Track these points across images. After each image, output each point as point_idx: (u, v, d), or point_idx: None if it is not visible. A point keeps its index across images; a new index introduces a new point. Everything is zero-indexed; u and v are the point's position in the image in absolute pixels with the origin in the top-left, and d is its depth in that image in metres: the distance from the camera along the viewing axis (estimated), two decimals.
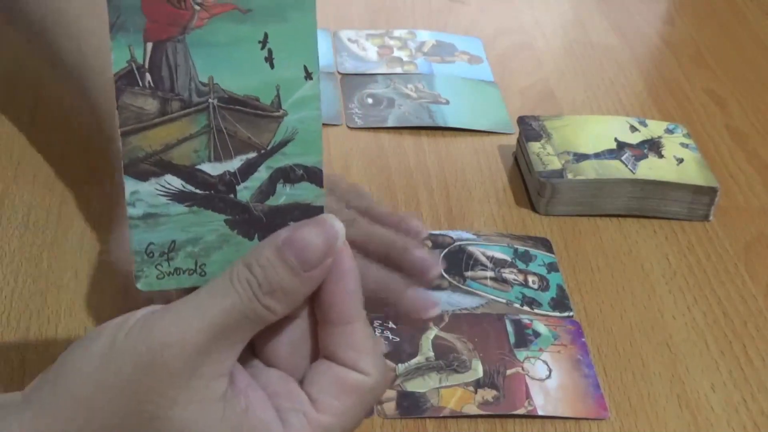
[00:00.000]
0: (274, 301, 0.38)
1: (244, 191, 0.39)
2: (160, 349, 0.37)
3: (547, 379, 0.59)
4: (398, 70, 0.88)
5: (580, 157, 0.74)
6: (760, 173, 0.80)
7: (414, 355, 0.60)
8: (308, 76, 0.39)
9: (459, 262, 0.67)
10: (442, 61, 0.90)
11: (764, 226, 0.74)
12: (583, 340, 0.62)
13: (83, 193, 0.70)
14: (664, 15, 1.05)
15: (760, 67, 0.96)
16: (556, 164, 0.73)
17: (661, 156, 0.75)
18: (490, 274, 0.67)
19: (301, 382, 0.41)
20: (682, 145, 0.77)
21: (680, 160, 0.75)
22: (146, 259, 0.39)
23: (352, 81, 0.86)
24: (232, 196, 0.39)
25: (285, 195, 0.39)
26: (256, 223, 0.39)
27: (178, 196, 0.39)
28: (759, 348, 0.63)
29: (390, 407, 0.56)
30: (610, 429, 0.57)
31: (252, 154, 0.39)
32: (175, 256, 0.39)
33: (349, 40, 0.92)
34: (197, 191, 0.39)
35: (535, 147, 0.75)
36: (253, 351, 0.42)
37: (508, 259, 0.68)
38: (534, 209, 0.73)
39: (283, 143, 0.39)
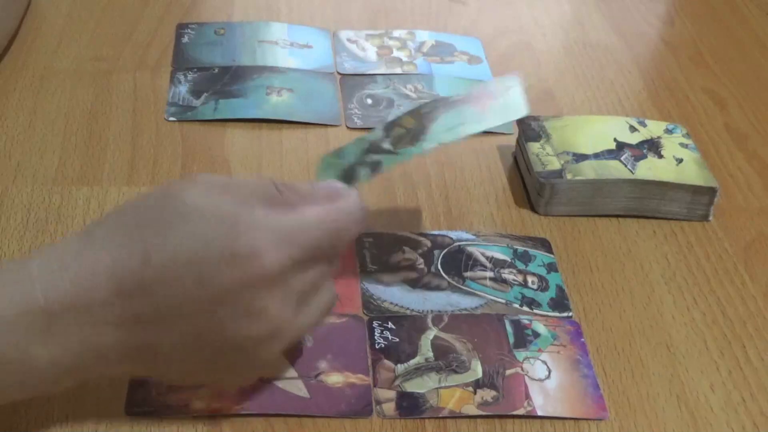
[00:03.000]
0: (285, 189, 0.52)
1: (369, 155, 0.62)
2: (194, 176, 0.52)
3: (546, 380, 0.59)
4: (397, 70, 0.88)
5: (580, 158, 0.74)
6: (760, 173, 0.80)
7: (413, 355, 0.60)
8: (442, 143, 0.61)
9: (458, 262, 0.67)
10: (441, 62, 0.90)
11: (764, 226, 0.74)
12: (583, 340, 0.62)
13: (83, 193, 0.70)
14: (663, 15, 1.05)
15: (760, 67, 0.96)
16: (555, 164, 0.73)
17: (660, 156, 0.75)
18: (489, 274, 0.67)
19: None
20: (682, 145, 0.77)
21: (679, 161, 0.75)
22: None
23: (352, 81, 0.86)
24: (376, 154, 0.61)
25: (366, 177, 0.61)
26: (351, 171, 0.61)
27: (372, 134, 0.63)
28: (758, 348, 0.63)
29: (389, 408, 0.56)
30: (609, 429, 0.57)
31: (390, 152, 0.61)
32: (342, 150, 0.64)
33: (349, 40, 0.92)
34: (374, 137, 0.62)
35: (534, 147, 0.75)
36: None
37: (508, 259, 0.68)
38: (533, 209, 0.73)
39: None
